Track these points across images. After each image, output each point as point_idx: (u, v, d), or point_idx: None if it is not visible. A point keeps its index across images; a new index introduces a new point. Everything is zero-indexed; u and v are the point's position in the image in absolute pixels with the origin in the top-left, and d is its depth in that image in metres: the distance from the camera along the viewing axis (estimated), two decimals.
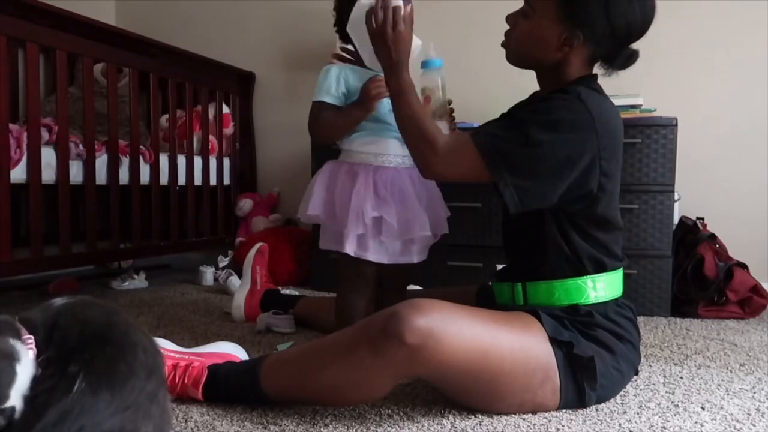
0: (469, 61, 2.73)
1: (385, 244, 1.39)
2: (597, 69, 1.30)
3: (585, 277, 1.23)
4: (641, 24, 1.20)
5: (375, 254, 1.38)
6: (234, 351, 1.37)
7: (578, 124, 1.16)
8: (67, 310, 0.85)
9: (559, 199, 1.19)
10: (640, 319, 2.06)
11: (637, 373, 1.33)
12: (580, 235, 1.23)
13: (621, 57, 1.25)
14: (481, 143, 1.18)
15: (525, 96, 1.42)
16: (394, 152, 1.40)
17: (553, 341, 1.15)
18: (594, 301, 1.23)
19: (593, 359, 1.16)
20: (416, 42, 1.34)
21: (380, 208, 1.35)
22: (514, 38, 1.28)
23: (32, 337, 0.79)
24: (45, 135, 1.98)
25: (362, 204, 1.34)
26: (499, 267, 1.45)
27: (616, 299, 1.27)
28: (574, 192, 1.19)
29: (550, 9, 1.21)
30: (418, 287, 1.89)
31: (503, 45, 1.32)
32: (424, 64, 1.37)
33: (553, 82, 1.27)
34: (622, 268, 1.30)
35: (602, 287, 1.24)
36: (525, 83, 1.44)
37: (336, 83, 1.38)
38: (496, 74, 1.37)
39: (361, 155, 1.40)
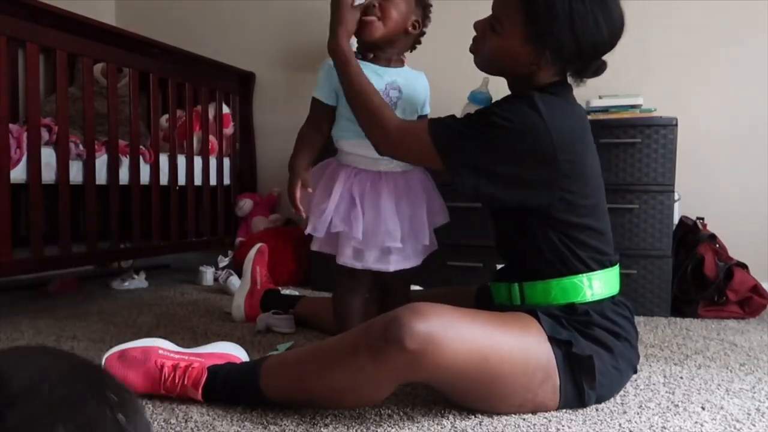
0: (470, 61, 2.73)
1: (362, 250, 1.36)
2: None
3: (581, 275, 1.23)
4: (609, 40, 1.21)
5: (349, 259, 1.37)
6: (234, 351, 1.37)
7: (529, 125, 1.17)
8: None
9: (524, 199, 1.21)
10: (640, 319, 2.07)
11: (636, 372, 1.33)
12: (567, 239, 1.23)
13: (589, 70, 1.27)
14: (436, 136, 1.21)
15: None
16: (376, 156, 1.35)
17: (552, 340, 1.15)
18: (591, 300, 1.23)
19: (592, 358, 1.16)
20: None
21: (348, 215, 1.34)
22: (484, 51, 1.30)
23: None
24: (45, 135, 1.98)
25: (327, 212, 1.34)
26: (499, 267, 1.45)
27: (613, 297, 1.28)
28: (537, 191, 1.20)
29: (517, 29, 1.22)
30: (418, 287, 1.89)
31: (471, 51, 1.33)
32: (471, 97, 1.39)
33: (524, 89, 1.28)
34: (618, 266, 1.30)
35: (599, 285, 1.24)
36: None
37: (325, 81, 1.38)
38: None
39: (348, 156, 1.40)
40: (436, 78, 1.45)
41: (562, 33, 1.17)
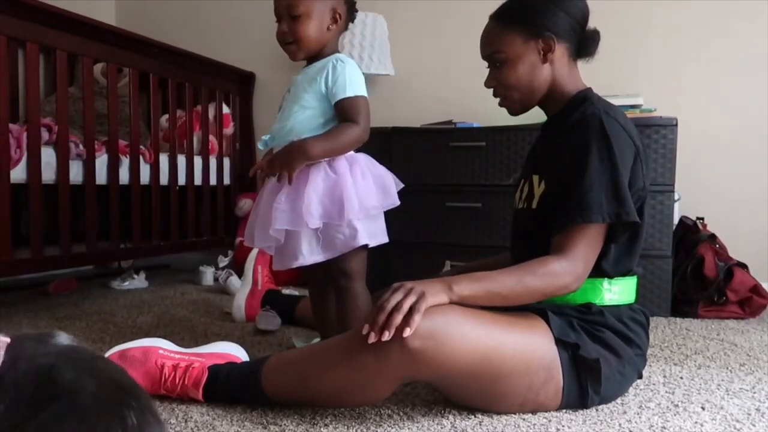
0: (471, 60, 2.73)
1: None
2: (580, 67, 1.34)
3: (603, 278, 1.23)
4: (585, 3, 1.31)
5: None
6: (234, 351, 1.37)
7: (623, 132, 1.21)
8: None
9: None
10: None
11: (640, 377, 1.32)
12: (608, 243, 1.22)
13: (589, 40, 1.30)
14: (595, 215, 1.15)
15: None
16: None
17: (559, 342, 1.15)
18: (608, 303, 1.23)
19: (598, 361, 1.15)
20: None
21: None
22: (509, 87, 1.30)
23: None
24: (45, 135, 1.98)
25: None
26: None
27: (630, 305, 1.28)
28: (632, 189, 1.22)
29: (516, 39, 1.27)
30: None
31: (501, 104, 1.35)
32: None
33: (556, 100, 1.31)
34: (636, 277, 1.30)
35: (617, 290, 1.24)
36: None
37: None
38: None
39: None
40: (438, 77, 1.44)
41: (548, 11, 1.26)
